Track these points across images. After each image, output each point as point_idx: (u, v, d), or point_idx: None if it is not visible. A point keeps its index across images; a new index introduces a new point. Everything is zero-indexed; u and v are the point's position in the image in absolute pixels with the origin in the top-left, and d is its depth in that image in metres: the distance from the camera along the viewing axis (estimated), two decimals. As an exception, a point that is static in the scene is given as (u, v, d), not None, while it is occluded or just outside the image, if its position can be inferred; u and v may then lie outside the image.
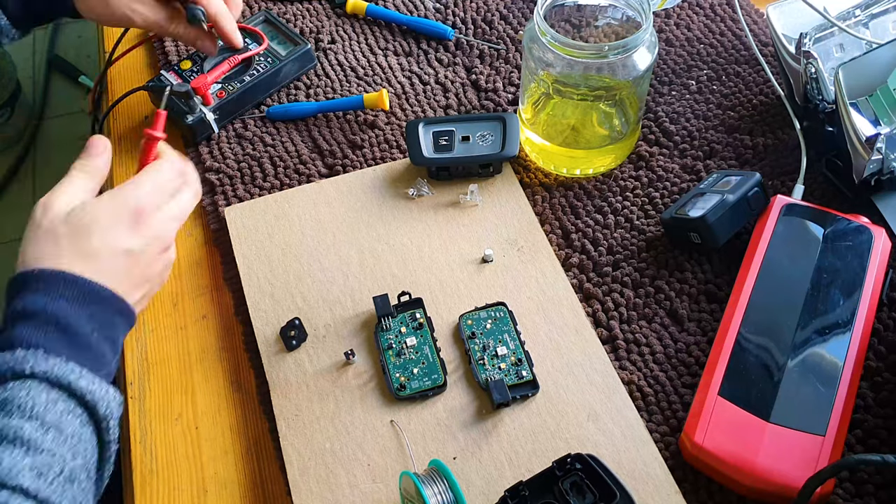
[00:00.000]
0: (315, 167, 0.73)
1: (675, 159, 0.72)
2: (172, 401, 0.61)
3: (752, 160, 0.71)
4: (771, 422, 0.53)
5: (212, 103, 0.75)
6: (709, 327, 0.61)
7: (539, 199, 0.69)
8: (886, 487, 0.53)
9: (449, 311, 0.62)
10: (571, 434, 0.56)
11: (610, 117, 0.71)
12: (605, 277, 0.64)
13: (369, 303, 0.62)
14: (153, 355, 0.63)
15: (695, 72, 0.78)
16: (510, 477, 0.54)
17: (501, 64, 0.81)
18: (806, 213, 0.63)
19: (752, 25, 0.81)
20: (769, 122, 0.73)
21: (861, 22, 0.69)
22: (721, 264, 0.64)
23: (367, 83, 0.80)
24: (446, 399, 0.58)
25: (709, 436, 0.53)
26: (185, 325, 0.65)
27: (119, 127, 0.79)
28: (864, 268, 0.60)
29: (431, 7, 0.86)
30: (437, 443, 0.56)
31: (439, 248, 0.66)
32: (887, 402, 0.56)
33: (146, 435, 0.59)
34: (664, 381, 0.59)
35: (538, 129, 0.70)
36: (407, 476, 0.50)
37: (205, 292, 0.66)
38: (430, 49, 0.82)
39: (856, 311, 0.57)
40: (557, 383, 0.58)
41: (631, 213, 0.68)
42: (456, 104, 0.77)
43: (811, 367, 0.55)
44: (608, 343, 0.61)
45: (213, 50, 0.75)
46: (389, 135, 0.75)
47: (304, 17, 0.86)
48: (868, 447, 0.55)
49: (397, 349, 0.60)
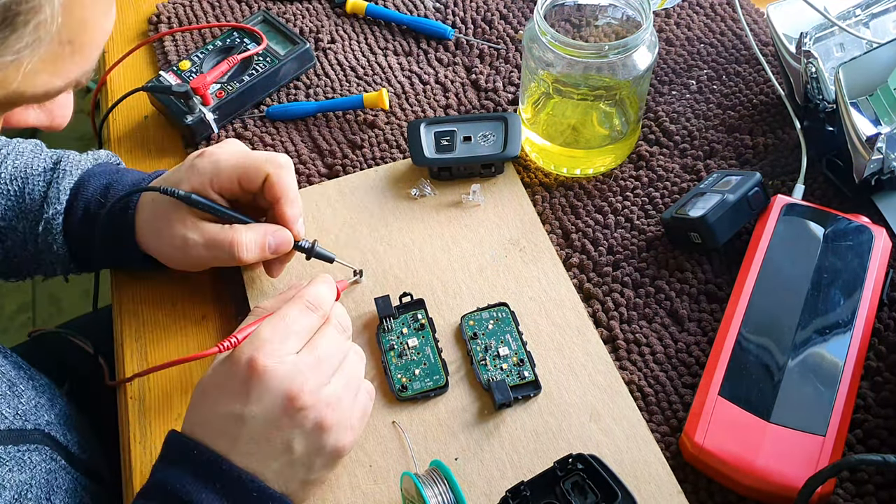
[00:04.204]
0: (315, 167, 0.73)
1: (675, 159, 0.72)
2: (172, 401, 0.61)
3: (753, 160, 0.71)
4: (771, 422, 0.53)
5: (211, 103, 0.75)
6: (709, 327, 0.61)
7: (539, 199, 0.69)
8: (887, 487, 0.53)
9: (451, 311, 0.62)
10: (573, 434, 0.56)
11: (610, 117, 0.71)
12: (605, 277, 0.64)
13: (371, 304, 0.62)
14: (153, 355, 0.63)
15: (695, 71, 0.78)
16: (512, 477, 0.54)
17: (501, 64, 0.80)
18: (806, 212, 0.63)
19: (753, 25, 0.81)
20: (769, 122, 0.73)
21: (861, 21, 0.69)
22: (721, 264, 0.64)
23: (367, 83, 0.80)
24: (448, 400, 0.58)
25: (709, 436, 0.53)
26: (184, 326, 0.65)
27: (119, 127, 0.79)
28: (865, 268, 0.60)
29: (431, 7, 0.86)
30: (438, 443, 0.56)
31: (441, 249, 0.66)
32: (888, 402, 0.56)
33: (146, 435, 0.59)
34: (664, 381, 0.59)
35: (538, 128, 0.70)
36: (408, 477, 0.50)
37: (205, 292, 0.66)
38: (430, 49, 0.82)
39: (856, 311, 0.58)
40: (559, 384, 0.58)
41: (631, 212, 0.68)
42: (456, 104, 0.77)
43: (811, 367, 0.55)
44: (608, 343, 0.61)
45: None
46: (389, 135, 0.75)
47: (304, 17, 0.86)
48: (868, 447, 0.55)
49: (399, 350, 0.60)
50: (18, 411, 0.57)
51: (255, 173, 0.59)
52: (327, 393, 0.50)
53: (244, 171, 0.59)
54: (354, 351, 0.54)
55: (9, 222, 0.63)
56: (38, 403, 0.60)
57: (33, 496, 0.54)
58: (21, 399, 0.58)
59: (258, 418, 0.48)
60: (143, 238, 0.62)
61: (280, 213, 0.60)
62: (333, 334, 0.52)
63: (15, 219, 0.63)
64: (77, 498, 0.59)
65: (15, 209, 0.63)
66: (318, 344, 0.51)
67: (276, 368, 0.48)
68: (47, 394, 0.63)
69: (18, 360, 0.63)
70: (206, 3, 0.88)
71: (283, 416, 0.48)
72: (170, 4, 0.88)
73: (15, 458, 0.54)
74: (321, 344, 0.51)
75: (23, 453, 0.55)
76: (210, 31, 0.85)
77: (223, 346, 0.51)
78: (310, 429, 0.49)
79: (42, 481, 0.56)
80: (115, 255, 0.65)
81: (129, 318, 0.65)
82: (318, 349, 0.51)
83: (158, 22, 0.87)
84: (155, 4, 0.89)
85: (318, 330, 0.52)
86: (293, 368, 0.49)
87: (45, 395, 0.62)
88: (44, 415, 0.60)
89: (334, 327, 0.53)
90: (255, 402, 0.48)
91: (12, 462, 0.54)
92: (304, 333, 0.51)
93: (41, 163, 0.65)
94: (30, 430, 0.57)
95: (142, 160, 0.76)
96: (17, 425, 0.56)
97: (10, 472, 0.53)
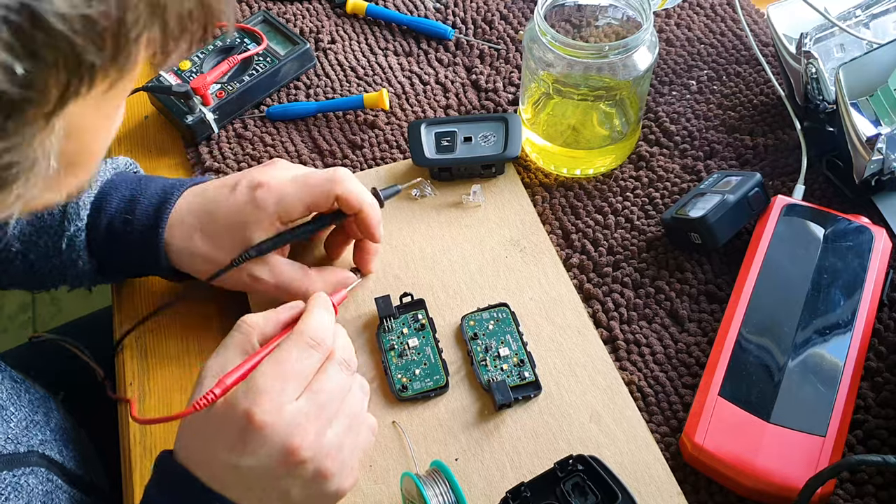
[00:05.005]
0: (315, 167, 0.73)
1: (675, 159, 0.72)
2: (172, 401, 0.61)
3: (753, 160, 0.71)
4: (771, 422, 0.53)
5: (211, 103, 0.75)
6: (709, 327, 0.61)
7: (539, 199, 0.69)
8: (887, 488, 0.53)
9: (451, 311, 0.62)
10: (573, 435, 0.56)
11: (610, 117, 0.71)
12: (605, 278, 0.64)
13: (371, 304, 0.62)
14: (153, 355, 0.63)
15: (695, 72, 0.78)
16: (512, 478, 0.54)
17: (501, 64, 0.80)
18: (806, 213, 0.63)
19: (753, 25, 0.81)
20: (770, 122, 0.73)
21: (862, 22, 0.69)
22: (721, 264, 0.64)
23: (367, 83, 0.80)
24: (448, 400, 0.58)
25: (709, 436, 0.53)
26: (184, 325, 0.65)
27: (119, 127, 0.79)
28: (865, 268, 0.60)
29: (431, 7, 0.86)
30: (438, 444, 0.56)
31: (441, 249, 0.66)
32: (888, 402, 0.56)
33: (146, 435, 0.59)
34: (664, 382, 0.59)
35: (538, 129, 0.70)
36: (408, 477, 0.50)
37: (205, 292, 0.66)
38: (430, 49, 0.82)
39: (856, 312, 0.58)
40: (560, 384, 0.58)
41: (631, 213, 0.68)
42: (456, 104, 0.77)
43: (812, 367, 0.55)
44: (608, 343, 0.61)
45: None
46: (389, 135, 0.75)
47: (304, 17, 0.86)
48: (869, 448, 0.55)
49: (399, 350, 0.60)
50: (9, 435, 0.55)
51: (325, 199, 0.57)
52: (328, 441, 0.47)
53: (313, 201, 0.57)
54: (358, 385, 0.51)
55: (29, 237, 0.60)
56: (31, 422, 0.58)
57: None
58: (10, 423, 0.56)
59: (255, 470, 0.46)
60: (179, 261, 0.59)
61: (364, 221, 0.59)
62: (336, 373, 0.49)
63: (35, 234, 0.60)
64: None
65: (34, 224, 0.60)
66: (319, 388, 0.48)
67: (275, 423, 0.45)
68: (42, 408, 0.61)
69: (13, 373, 0.61)
70: (207, 3, 0.88)
71: (280, 468, 0.46)
72: (170, 4, 0.88)
73: (11, 485, 0.53)
74: (323, 388, 0.48)
75: (18, 478, 0.53)
76: (210, 31, 0.85)
77: (200, 404, 0.46)
78: (310, 478, 0.47)
79: None
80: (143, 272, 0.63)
81: (128, 318, 0.65)
82: (319, 395, 0.48)
83: (158, 22, 0.87)
84: (155, 4, 0.88)
85: (319, 368, 0.49)
86: (292, 421, 0.46)
87: (41, 410, 0.61)
88: (37, 434, 0.58)
89: (338, 364, 0.49)
90: (251, 455, 0.46)
91: (8, 489, 0.52)
92: (303, 377, 0.48)
93: None
94: (23, 452, 0.55)
95: (142, 160, 0.76)
96: (10, 450, 0.54)
97: (6, 501, 0.51)
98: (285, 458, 0.46)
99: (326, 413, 0.48)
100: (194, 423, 0.48)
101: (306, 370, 0.48)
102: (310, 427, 0.47)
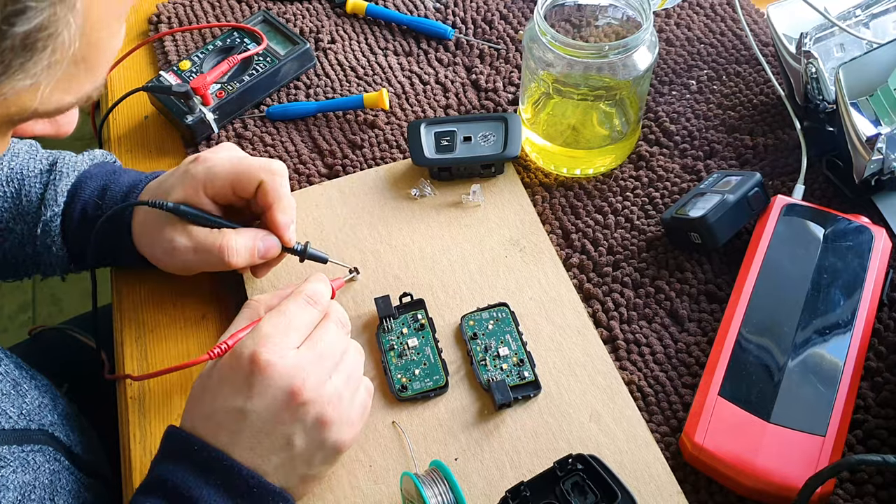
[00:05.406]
0: (315, 167, 0.73)
1: (675, 159, 0.72)
2: (172, 401, 0.61)
3: (753, 160, 0.71)
4: (771, 422, 0.53)
5: (211, 103, 0.75)
6: (709, 327, 0.61)
7: (539, 199, 0.69)
8: (887, 487, 0.53)
9: (451, 311, 0.62)
10: (573, 434, 0.56)
11: (610, 117, 0.71)
12: (605, 278, 0.64)
13: (371, 304, 0.62)
14: (153, 355, 0.63)
15: (695, 72, 0.78)
16: (511, 477, 0.54)
17: (501, 64, 0.80)
18: (806, 213, 0.63)
19: (753, 25, 0.81)
20: (769, 122, 0.73)
21: (861, 22, 0.69)
22: (721, 264, 0.64)
23: (367, 83, 0.80)
24: (448, 400, 0.58)
25: (709, 436, 0.53)
26: (185, 325, 0.65)
27: (119, 127, 0.79)
28: (865, 268, 0.60)
29: (431, 7, 0.86)
30: (438, 443, 0.56)
31: (441, 249, 0.66)
32: (888, 402, 0.56)
33: (146, 435, 0.59)
34: (664, 382, 0.59)
35: (538, 128, 0.70)
36: (408, 477, 0.50)
37: (205, 292, 0.66)
38: (430, 49, 0.82)
39: (856, 312, 0.58)
40: (559, 384, 0.58)
41: (631, 213, 0.68)
42: (456, 104, 0.77)
43: (811, 367, 0.55)
44: (608, 343, 0.61)
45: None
46: (389, 135, 0.75)
47: (304, 17, 0.86)
48: (868, 447, 0.55)
49: (399, 350, 0.60)
50: (22, 411, 0.57)
51: (249, 180, 0.59)
52: (328, 389, 0.50)
53: (238, 178, 0.59)
54: (354, 347, 0.54)
55: (6, 224, 0.63)
56: (41, 403, 0.60)
57: (37, 497, 0.54)
58: (25, 399, 0.58)
59: (260, 413, 0.48)
60: (138, 241, 0.62)
61: (272, 220, 0.60)
62: (333, 329, 0.53)
63: (12, 220, 0.63)
64: (80, 499, 0.59)
65: (12, 211, 0.63)
66: (318, 339, 0.52)
67: (278, 363, 0.49)
68: (49, 394, 0.63)
69: (19, 360, 0.63)
70: (207, 3, 0.88)
71: (284, 410, 0.49)
72: (170, 4, 0.88)
73: (19, 459, 0.54)
74: (322, 339, 0.52)
75: (27, 454, 0.55)
76: (210, 31, 0.85)
77: (213, 353, 0.51)
78: (311, 424, 0.50)
79: (45, 482, 0.56)
80: (112, 256, 0.65)
81: (128, 318, 0.65)
82: (319, 344, 0.51)
83: (158, 22, 0.87)
84: (155, 4, 0.89)
85: (318, 325, 0.53)
86: (295, 363, 0.49)
87: (48, 395, 0.62)
88: (47, 415, 0.60)
89: (334, 322, 0.53)
90: (258, 397, 0.48)
91: (16, 463, 0.54)
92: (304, 328, 0.52)
93: (37, 164, 0.65)
94: (34, 430, 0.57)
95: (142, 160, 0.76)
96: (22, 425, 0.56)
97: (13, 473, 0.53)
98: (288, 399, 0.49)
99: (325, 363, 0.51)
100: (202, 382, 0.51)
101: (306, 322, 0.52)
102: (311, 371, 0.50)
